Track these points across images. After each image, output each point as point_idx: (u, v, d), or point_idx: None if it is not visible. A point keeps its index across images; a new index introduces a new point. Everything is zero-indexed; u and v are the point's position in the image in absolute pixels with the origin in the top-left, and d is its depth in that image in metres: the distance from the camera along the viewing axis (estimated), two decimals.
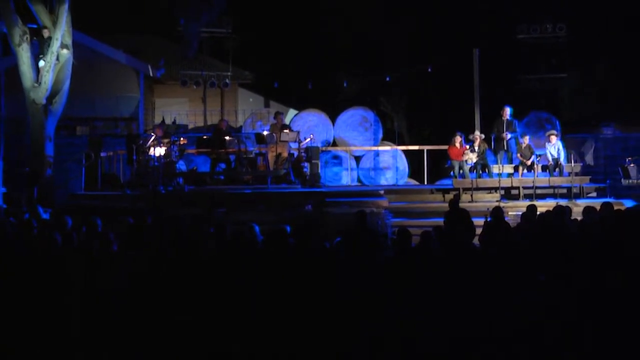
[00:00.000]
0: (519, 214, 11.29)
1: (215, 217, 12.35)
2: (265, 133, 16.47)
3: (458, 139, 15.95)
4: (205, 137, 16.98)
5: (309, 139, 16.65)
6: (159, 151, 15.00)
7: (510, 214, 12.95)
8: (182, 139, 16.10)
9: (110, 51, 21.03)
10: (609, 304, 5.74)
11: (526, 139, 16.04)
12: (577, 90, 21.93)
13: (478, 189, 15.37)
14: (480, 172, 15.90)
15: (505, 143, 16.35)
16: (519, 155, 15.98)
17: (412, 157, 19.20)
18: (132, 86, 21.32)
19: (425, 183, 18.00)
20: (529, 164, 15.66)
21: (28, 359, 6.00)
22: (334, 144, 19.47)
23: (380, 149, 19.15)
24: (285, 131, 16.17)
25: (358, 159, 19.22)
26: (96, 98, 20.69)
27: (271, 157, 16.32)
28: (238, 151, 16.35)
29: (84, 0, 17.33)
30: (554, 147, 15.89)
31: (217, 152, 16.41)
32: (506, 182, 15.47)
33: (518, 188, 15.32)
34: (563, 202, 12.62)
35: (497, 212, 10.08)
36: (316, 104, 20.45)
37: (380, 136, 19.77)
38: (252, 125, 19.97)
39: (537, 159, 15.68)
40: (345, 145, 19.29)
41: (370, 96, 23.37)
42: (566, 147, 16.35)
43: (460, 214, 11.36)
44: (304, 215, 12.62)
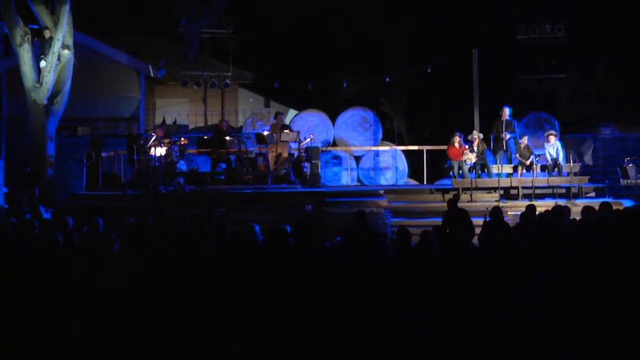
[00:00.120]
0: (518, 213, 11.24)
1: (216, 217, 12.37)
2: (265, 133, 16.50)
3: (457, 139, 15.96)
4: (205, 137, 17.02)
5: (309, 139, 16.67)
6: (160, 151, 15.02)
7: (509, 213, 12.96)
8: (183, 139, 16.11)
9: (111, 52, 21.03)
10: (608, 304, 5.73)
11: (525, 139, 16.05)
12: (576, 91, 21.90)
13: (477, 189, 15.39)
14: (480, 172, 15.90)
15: (504, 143, 16.35)
16: (518, 155, 15.98)
17: (412, 157, 19.20)
18: (133, 86, 21.31)
19: (425, 183, 18.00)
20: (527, 164, 15.66)
21: (29, 359, 5.98)
22: (334, 144, 19.47)
23: (380, 149, 19.15)
24: (285, 131, 16.19)
25: (358, 159, 19.21)
26: (97, 98, 20.68)
27: (271, 157, 16.34)
28: (238, 151, 16.38)
29: (85, 0, 17.37)
30: (553, 147, 15.90)
31: (217, 152, 16.44)
32: (505, 182, 15.49)
33: (517, 188, 15.33)
34: (562, 202, 12.68)
35: (496, 212, 10.10)
36: (316, 104, 20.43)
37: (380, 136, 19.77)
38: (253, 125, 19.99)
39: (536, 159, 15.71)
40: (345, 145, 19.29)
41: (370, 96, 23.32)
42: (565, 147, 16.36)
43: (459, 213, 11.42)
44: (304, 215, 12.66)
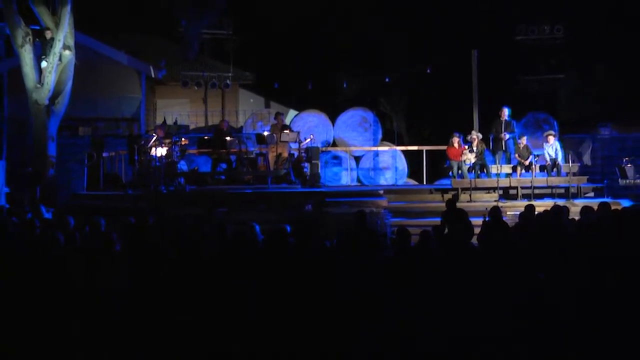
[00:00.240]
0: (517, 213, 11.27)
1: (217, 216, 12.38)
2: (265, 133, 16.55)
3: (456, 140, 16.00)
4: (206, 137, 17.04)
5: (309, 140, 16.70)
6: (161, 151, 15.05)
7: (508, 213, 13.02)
8: (184, 139, 16.14)
9: (112, 52, 21.05)
10: (608, 304, 5.75)
11: (524, 139, 16.09)
12: (575, 91, 21.91)
13: (476, 189, 15.43)
14: (479, 172, 15.93)
15: (503, 143, 16.42)
16: (517, 155, 16.02)
17: (411, 158, 19.24)
18: (134, 87, 21.33)
19: (425, 183, 18.03)
20: (527, 164, 15.70)
21: (29, 358, 6.00)
22: (334, 144, 19.50)
23: (380, 149, 19.18)
24: (285, 131, 16.23)
25: (358, 159, 19.24)
26: (98, 99, 20.69)
27: (272, 157, 16.37)
28: (239, 151, 16.43)
29: (86, 1, 17.41)
30: (552, 148, 15.94)
31: (218, 153, 16.49)
32: (504, 182, 15.52)
33: (516, 188, 15.35)
34: (561, 202, 12.70)
35: (496, 212, 10.13)
36: (316, 104, 20.47)
37: (380, 136, 19.80)
38: (253, 125, 20.03)
39: (535, 159, 15.76)
40: (345, 145, 19.33)
41: (369, 97, 23.32)
42: (564, 148, 16.41)
43: (457, 214, 11.46)
44: (304, 215, 12.69)
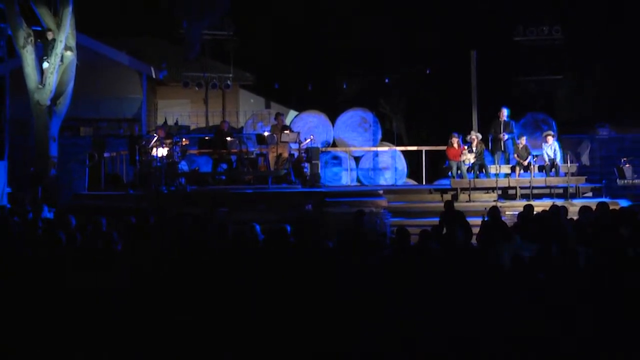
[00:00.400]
0: (516, 213, 11.33)
1: (217, 216, 12.40)
2: (266, 134, 16.59)
3: (455, 140, 16.04)
4: (207, 137, 17.11)
5: (309, 140, 16.76)
6: (162, 152, 15.09)
7: (507, 213, 13.03)
8: (184, 139, 16.19)
9: (113, 53, 21.05)
10: (607, 303, 5.77)
11: (523, 139, 16.12)
12: (574, 92, 21.96)
13: (475, 189, 15.49)
14: (478, 173, 15.98)
15: (502, 144, 16.46)
16: (516, 155, 16.06)
17: (411, 158, 19.27)
18: (135, 88, 21.33)
19: (424, 183, 18.04)
20: (525, 164, 15.74)
21: (30, 358, 6.01)
22: (334, 144, 19.52)
23: (380, 149, 19.20)
24: (285, 132, 16.27)
25: (357, 159, 19.26)
26: (100, 99, 20.69)
27: (272, 157, 16.39)
28: (239, 152, 16.48)
29: (87, 2, 17.45)
30: (551, 148, 15.98)
31: (218, 153, 16.54)
32: (503, 182, 15.56)
33: (515, 188, 15.40)
34: (559, 202, 12.76)
35: (495, 212, 10.23)
36: (316, 105, 20.48)
37: (380, 137, 19.79)
38: (253, 126, 20.04)
39: (534, 159, 15.84)
40: (344, 145, 19.35)
41: (369, 97, 23.33)
42: (562, 148, 16.48)
43: (455, 215, 11.50)
44: (303, 215, 12.74)
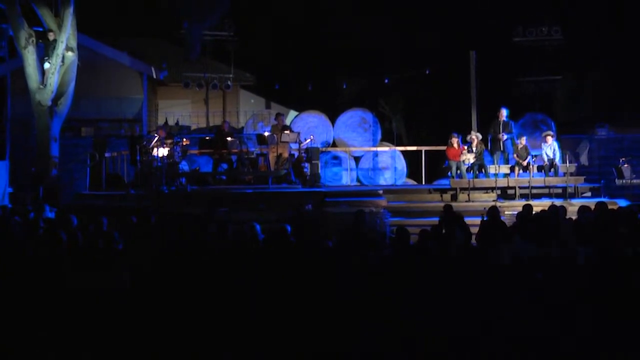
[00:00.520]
0: (515, 213, 11.33)
1: (218, 216, 12.42)
2: (266, 134, 16.64)
3: (455, 140, 16.08)
4: (207, 138, 17.15)
5: (309, 140, 16.79)
6: (162, 152, 15.14)
7: (506, 213, 13.01)
8: (185, 139, 16.26)
9: (114, 54, 21.12)
10: (606, 303, 5.81)
11: (523, 139, 16.16)
12: (572, 92, 22.02)
13: (475, 188, 15.52)
14: (477, 172, 16.02)
15: (501, 144, 16.50)
16: (515, 155, 16.10)
17: (411, 158, 19.29)
18: (136, 88, 21.39)
19: (423, 183, 18.09)
20: (525, 164, 15.79)
21: (31, 358, 6.04)
22: (334, 144, 19.57)
23: (379, 149, 19.26)
24: (286, 132, 16.29)
25: (357, 159, 19.31)
26: (101, 100, 20.76)
27: (272, 157, 16.41)
28: (240, 152, 16.53)
29: (88, 3, 17.52)
30: (550, 148, 16.01)
31: (219, 153, 16.59)
32: (502, 182, 15.58)
33: (514, 188, 15.41)
34: (558, 202, 12.75)
35: (494, 212, 10.23)
36: (316, 105, 20.52)
37: (379, 137, 19.85)
38: (254, 126, 20.09)
39: (533, 159, 15.89)
40: (344, 145, 19.41)
41: (369, 98, 23.41)
42: (561, 148, 16.52)
43: (455, 219, 11.51)
44: (303, 214, 12.75)
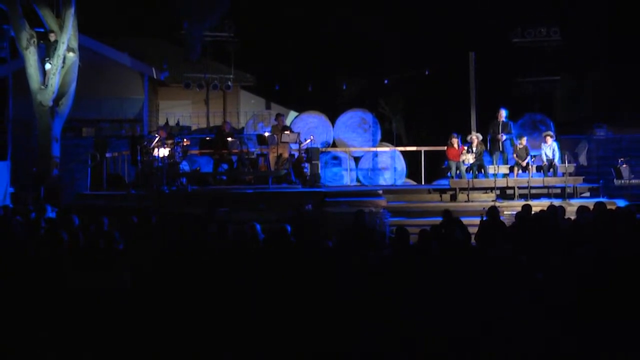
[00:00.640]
0: (514, 213, 11.37)
1: (218, 216, 12.47)
2: (266, 134, 16.70)
3: (455, 140, 16.14)
4: (208, 138, 17.20)
5: (309, 140, 16.85)
6: (163, 152, 15.19)
7: (505, 213, 13.04)
8: (186, 140, 16.32)
9: (115, 54, 21.15)
10: (605, 303, 5.82)
11: (523, 140, 16.19)
12: (571, 92, 22.08)
13: (474, 189, 15.57)
14: (477, 173, 16.07)
15: (500, 144, 16.57)
16: (515, 155, 16.15)
17: (410, 158, 19.35)
18: (137, 88, 21.44)
19: (423, 183, 18.14)
20: (524, 164, 15.85)
21: (32, 358, 6.05)
22: (334, 145, 19.64)
23: (379, 149, 19.32)
24: (286, 132, 16.33)
25: (357, 159, 19.37)
26: (102, 100, 20.79)
27: (272, 157, 16.44)
28: (240, 152, 16.58)
29: (89, 4, 17.57)
30: (550, 148, 16.06)
31: (219, 153, 16.63)
32: (502, 182, 15.63)
33: (513, 188, 15.49)
34: (557, 202, 12.77)
35: (493, 212, 10.26)
36: (316, 105, 20.57)
37: (379, 137, 19.92)
38: (254, 126, 20.15)
39: (532, 159, 15.94)
40: (344, 146, 19.47)
41: (369, 98, 23.45)
42: (560, 148, 16.57)
43: (454, 223, 11.54)
44: (303, 214, 12.80)
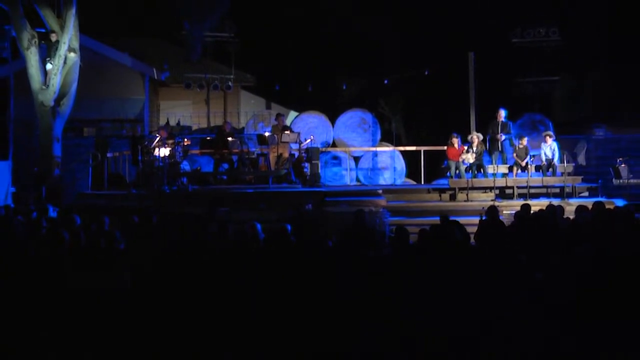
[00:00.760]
0: (513, 213, 11.41)
1: (218, 216, 12.50)
2: (266, 134, 16.77)
3: (456, 140, 16.20)
4: (208, 138, 17.28)
5: (309, 140, 16.90)
6: (164, 152, 15.26)
7: (504, 212, 13.04)
8: (186, 140, 16.38)
9: (116, 55, 21.19)
10: (604, 303, 5.84)
11: (524, 140, 16.20)
12: (572, 92, 22.15)
13: (473, 188, 15.60)
14: (476, 172, 16.11)
15: (499, 144, 16.60)
16: (515, 155, 16.18)
17: (410, 158, 19.40)
18: (138, 89, 21.49)
19: (422, 183, 18.18)
20: (523, 164, 15.88)
21: (33, 358, 6.06)
22: (334, 144, 19.69)
23: (379, 149, 19.37)
24: (286, 132, 16.40)
25: (357, 159, 19.42)
26: (103, 100, 20.82)
27: (272, 157, 16.52)
28: (240, 152, 16.64)
29: (91, 4, 17.62)
30: (550, 148, 16.09)
31: (220, 153, 16.70)
32: (501, 182, 15.66)
33: (512, 188, 15.53)
34: (556, 202, 12.78)
35: (492, 211, 10.31)
36: (316, 105, 20.63)
37: (379, 137, 19.97)
38: (254, 126, 20.20)
39: (531, 159, 16.00)
40: (344, 146, 19.53)
41: (368, 98, 23.52)
42: (560, 148, 16.65)
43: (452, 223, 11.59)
44: (303, 213, 12.85)
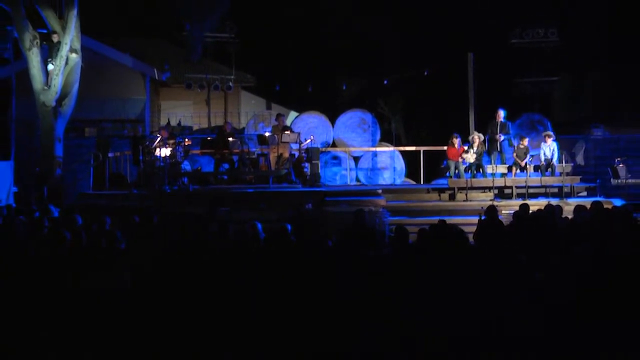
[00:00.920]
0: (512, 212, 11.51)
1: (219, 215, 12.57)
2: (267, 134, 16.82)
3: (456, 140, 16.26)
4: (209, 138, 17.36)
5: (309, 140, 16.95)
6: (165, 152, 15.32)
7: (503, 212, 13.09)
8: (187, 140, 16.43)
9: (117, 55, 21.23)
10: (602, 302, 5.87)
11: (525, 140, 16.25)
12: (571, 93, 22.21)
13: (472, 188, 15.66)
14: (475, 172, 16.17)
15: (498, 144, 16.65)
16: (514, 155, 16.24)
17: (409, 158, 19.45)
18: (139, 89, 21.53)
19: (422, 183, 18.21)
20: (523, 164, 15.94)
21: (34, 358, 6.07)
22: (334, 144, 19.75)
23: (379, 149, 19.43)
24: (286, 132, 16.45)
25: (357, 159, 19.48)
26: (104, 101, 20.86)
27: (273, 157, 16.57)
28: (241, 152, 16.69)
29: (92, 5, 17.68)
30: (549, 148, 16.15)
31: (220, 153, 16.77)
32: (500, 182, 15.72)
33: (511, 187, 15.60)
34: (554, 201, 12.87)
35: (491, 211, 10.38)
36: (316, 106, 20.69)
37: (379, 137, 20.04)
38: (255, 126, 20.26)
39: (530, 159, 16.07)
40: (344, 146, 19.59)
41: (368, 98, 23.59)
42: (559, 148, 16.72)
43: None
44: (303, 213, 12.90)
